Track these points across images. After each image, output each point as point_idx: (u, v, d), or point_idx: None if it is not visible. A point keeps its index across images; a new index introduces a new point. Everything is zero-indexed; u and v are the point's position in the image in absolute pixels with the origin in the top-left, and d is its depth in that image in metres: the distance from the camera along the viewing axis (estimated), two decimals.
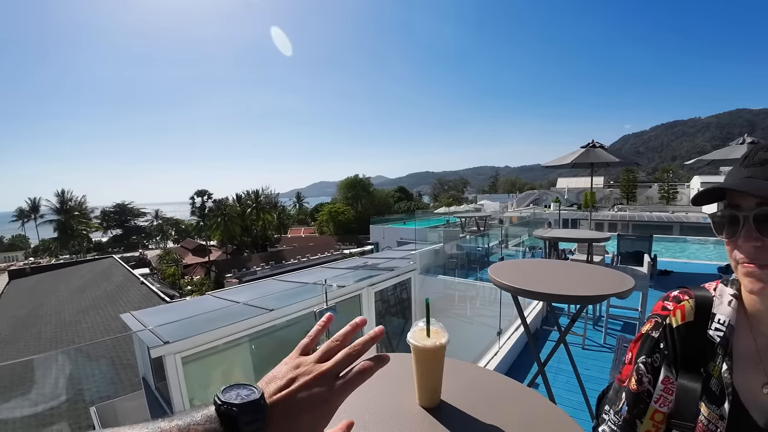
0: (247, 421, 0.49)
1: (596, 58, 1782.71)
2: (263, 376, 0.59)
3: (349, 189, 66.02)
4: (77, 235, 56.18)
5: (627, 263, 7.04)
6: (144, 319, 3.82)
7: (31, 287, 22.39)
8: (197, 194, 52.93)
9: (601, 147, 8.47)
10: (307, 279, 5.39)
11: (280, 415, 0.53)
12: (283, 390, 0.55)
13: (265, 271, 38.78)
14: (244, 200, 56.35)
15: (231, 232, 50.85)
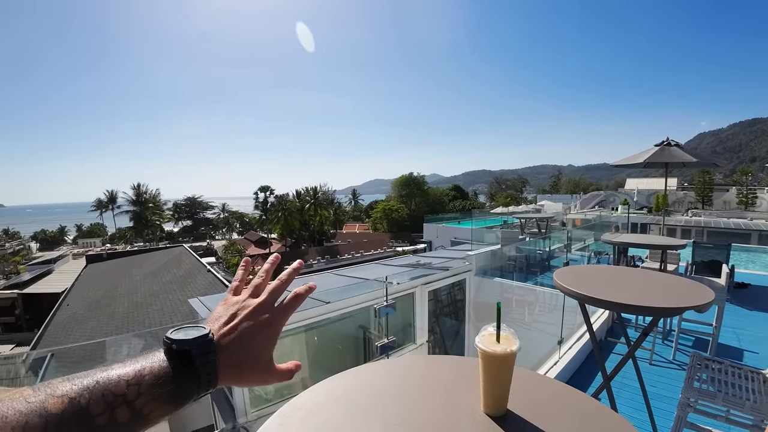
0: (199, 354, 0.54)
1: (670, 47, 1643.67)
2: None
3: (404, 187, 66.08)
4: (151, 224, 60.19)
5: (702, 274, 6.47)
6: (210, 304, 4.05)
7: (106, 271, 24.36)
8: (260, 190, 55.75)
9: (676, 145, 7.79)
10: (362, 274, 5.46)
11: (228, 346, 0.59)
12: (227, 324, 0.61)
13: (320, 265, 39.92)
14: (303, 196, 58.51)
15: (290, 226, 53.17)
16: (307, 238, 58.88)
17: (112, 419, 0.45)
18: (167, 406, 0.51)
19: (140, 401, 0.48)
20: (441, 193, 73.20)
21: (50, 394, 0.43)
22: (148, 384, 0.49)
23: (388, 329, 4.87)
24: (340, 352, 4.90)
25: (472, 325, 6.14)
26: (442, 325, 6.01)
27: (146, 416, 0.48)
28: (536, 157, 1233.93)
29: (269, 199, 56.01)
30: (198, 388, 0.54)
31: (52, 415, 0.42)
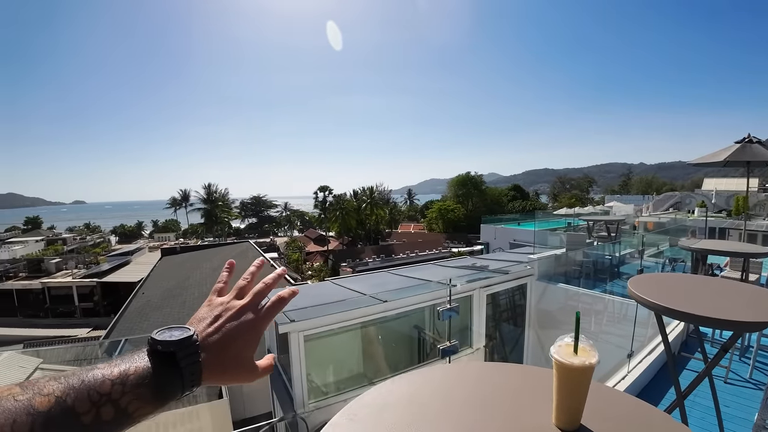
0: (184, 356, 0.56)
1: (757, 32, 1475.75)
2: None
3: (460, 186, 64.82)
4: (220, 221, 64.82)
5: None
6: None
7: (179, 263, 26.06)
8: (320, 190, 57.69)
9: (758, 142, 6.97)
10: (419, 275, 5.45)
11: (212, 346, 0.60)
12: (212, 325, 0.63)
13: (376, 263, 40.39)
14: (359, 196, 59.65)
15: (347, 225, 54.57)
16: (363, 236, 59.94)
17: (98, 417, 0.48)
18: (151, 404, 0.53)
19: (124, 400, 0.50)
20: (499, 192, 70.75)
21: (37, 392, 0.45)
22: (132, 383, 0.51)
23: (443, 331, 4.82)
24: (395, 350, 4.92)
25: (532, 332, 5.92)
26: (500, 330, 5.85)
27: (131, 414, 0.51)
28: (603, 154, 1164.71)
29: (328, 199, 57.83)
30: (182, 387, 0.57)
31: (39, 413, 0.43)
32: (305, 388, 3.73)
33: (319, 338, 3.68)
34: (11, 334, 21.88)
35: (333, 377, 4.32)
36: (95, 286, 28.39)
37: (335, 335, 3.93)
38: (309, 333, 3.49)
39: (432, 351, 4.82)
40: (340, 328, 3.81)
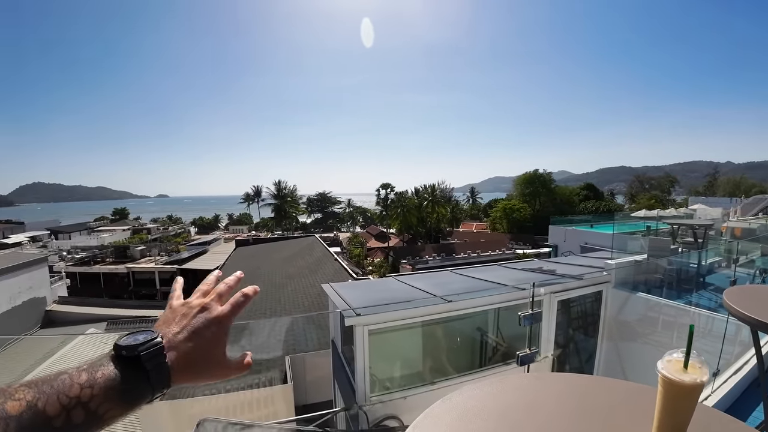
0: (149, 358, 0.57)
1: None
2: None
3: (527, 185, 62.06)
4: (288, 216, 69.25)
5: None
6: (340, 290, 4.33)
7: (251, 254, 27.66)
8: (382, 187, 58.47)
9: None
10: (484, 276, 5.32)
11: (179, 346, 0.62)
12: (177, 325, 0.65)
13: (436, 262, 40.11)
14: (421, 193, 59.50)
15: (408, 222, 54.75)
16: (424, 234, 59.72)
17: (69, 420, 0.49)
18: (121, 407, 0.54)
19: (94, 403, 0.51)
20: (570, 192, 66.37)
21: (9, 396, 0.46)
22: (101, 386, 0.53)
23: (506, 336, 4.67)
24: (456, 351, 4.84)
25: (606, 343, 5.57)
26: (570, 339, 5.55)
27: (101, 417, 0.52)
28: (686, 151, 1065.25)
29: (389, 196, 58.40)
30: (152, 390, 0.58)
31: (11, 417, 0.44)
32: (368, 382, 3.78)
33: (382, 333, 3.72)
34: (96, 313, 24.14)
35: (394, 373, 4.34)
36: (175, 272, 30.83)
37: (398, 332, 3.95)
38: (373, 328, 3.54)
39: (495, 355, 4.69)
40: (404, 325, 3.82)
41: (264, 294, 16.02)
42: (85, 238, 53.28)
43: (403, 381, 4.30)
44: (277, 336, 9.35)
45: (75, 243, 49.53)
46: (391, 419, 3.83)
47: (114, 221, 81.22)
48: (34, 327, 23.06)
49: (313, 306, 13.28)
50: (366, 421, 3.78)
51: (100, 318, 22.77)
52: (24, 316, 22.64)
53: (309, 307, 13.27)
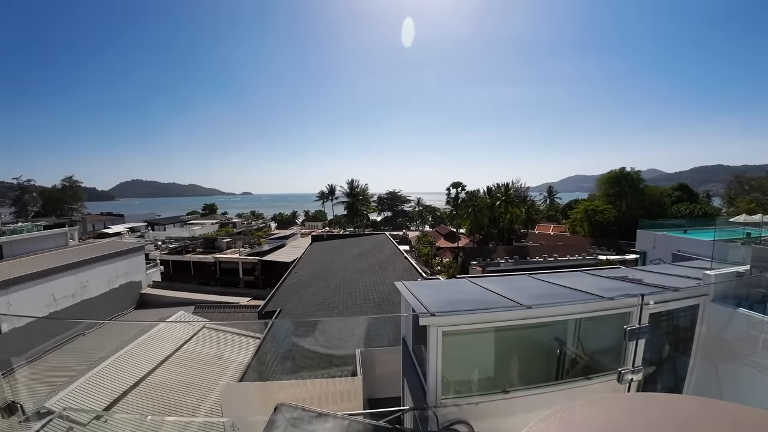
0: None
1: None
2: None
3: (612, 184, 57.18)
4: (360, 213, 71.74)
5: None
6: (414, 289, 4.33)
7: (325, 249, 28.64)
8: (452, 186, 57.59)
9: None
10: (565, 282, 5.02)
11: None
12: None
13: (508, 265, 38.68)
14: (494, 192, 57.58)
15: (479, 222, 53.14)
16: (496, 235, 57.81)
17: None
18: None
19: None
20: (661, 192, 59.67)
21: None
22: None
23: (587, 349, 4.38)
24: (530, 361, 4.62)
25: (700, 361, 5.02)
26: (661, 355, 5.07)
27: None
28: None
29: (460, 195, 57.29)
30: None
31: None
32: (439, 383, 3.74)
33: (456, 336, 3.66)
34: (185, 297, 26.60)
35: (465, 377, 4.25)
36: (257, 263, 33.21)
37: (472, 335, 3.86)
38: (448, 329, 3.49)
39: (574, 368, 4.42)
40: (478, 329, 3.72)
41: (337, 287, 16.56)
42: (178, 230, 59.39)
43: (474, 386, 4.20)
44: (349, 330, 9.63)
45: (169, 234, 55.33)
46: (461, 424, 3.76)
47: (204, 215, 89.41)
48: (129, 307, 25.99)
49: (383, 302, 13.46)
50: (436, 423, 3.74)
51: (188, 302, 25.03)
52: (121, 297, 25.64)
53: (379, 303, 13.47)
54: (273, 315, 14.86)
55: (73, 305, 22.02)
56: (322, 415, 3.36)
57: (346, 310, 13.57)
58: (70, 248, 27.49)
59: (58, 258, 23.32)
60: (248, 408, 7.10)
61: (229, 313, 22.95)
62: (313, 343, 10.28)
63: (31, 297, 19.52)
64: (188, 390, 13.44)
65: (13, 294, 18.60)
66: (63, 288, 21.56)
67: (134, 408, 12.45)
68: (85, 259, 23.58)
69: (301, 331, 11.44)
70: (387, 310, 12.68)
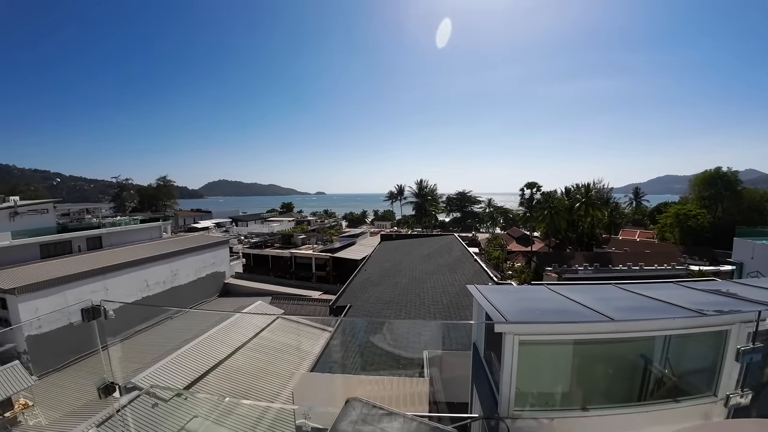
0: None
1: None
2: None
3: (706, 186, 51.45)
4: (428, 214, 72.23)
5: None
6: (487, 294, 4.19)
7: (394, 248, 28.87)
8: (527, 186, 55.10)
9: None
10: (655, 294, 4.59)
11: None
12: None
13: (587, 272, 36.34)
14: (572, 194, 54.04)
15: (556, 226, 50.04)
16: (574, 240, 54.31)
17: None
18: None
19: None
20: (761, 196, 52.60)
21: None
22: None
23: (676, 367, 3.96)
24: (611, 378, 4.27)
25: None
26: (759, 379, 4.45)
27: None
28: None
29: (535, 196, 54.62)
30: None
31: None
32: (512, 394, 3.59)
33: (533, 345, 3.48)
34: (264, 288, 28.47)
35: (541, 390, 4.04)
36: (328, 259, 34.60)
37: (550, 346, 3.65)
38: (525, 338, 3.32)
39: (660, 389, 4.02)
40: (558, 340, 3.51)
41: (405, 287, 16.62)
42: (259, 226, 64.00)
43: (550, 400, 3.97)
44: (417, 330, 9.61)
45: (250, 230, 59.63)
46: None
47: (281, 213, 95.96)
48: (213, 295, 28.35)
49: (452, 305, 13.27)
50: None
51: (266, 293, 26.80)
52: (206, 286, 28.18)
53: (447, 305, 13.30)
54: (343, 310, 15.26)
55: (164, 291, 24.51)
56: (392, 413, 3.37)
57: (413, 310, 13.55)
58: (163, 240, 30.64)
59: (152, 248, 25.97)
60: (318, 398, 7.34)
61: (302, 305, 24.07)
62: (381, 340, 10.40)
63: (126, 282, 22.03)
64: (263, 376, 14.24)
65: (111, 279, 21.12)
66: (155, 275, 24.06)
67: (212, 389, 13.46)
68: (176, 251, 26.09)
69: (369, 328, 11.62)
70: (455, 313, 12.48)
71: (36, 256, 22.43)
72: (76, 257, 23.44)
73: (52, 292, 18.13)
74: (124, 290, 21.59)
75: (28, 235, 22.44)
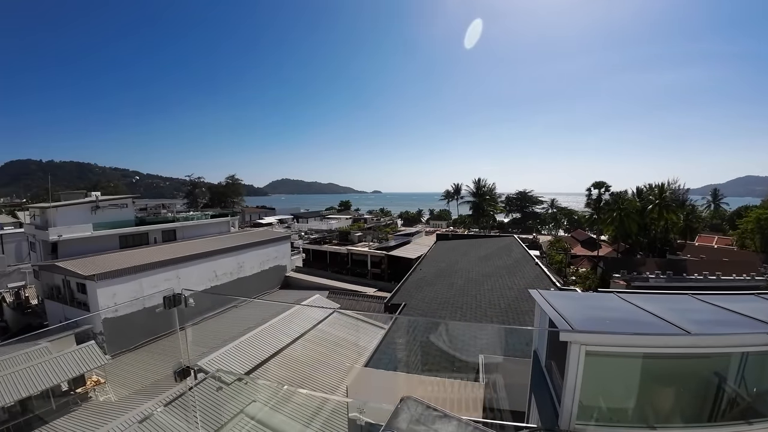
0: None
1: None
2: None
3: None
4: (486, 214, 69.99)
5: None
6: (551, 299, 4.00)
7: (450, 248, 28.52)
8: (594, 186, 51.77)
9: None
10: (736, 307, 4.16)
11: None
12: None
13: (659, 281, 33.72)
14: (645, 195, 50.19)
15: (626, 229, 46.65)
16: (645, 245, 50.46)
17: None
18: None
19: None
20: None
21: None
22: None
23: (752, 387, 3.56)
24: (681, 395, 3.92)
25: None
26: None
27: None
28: None
29: (603, 197, 51.28)
30: None
31: None
32: (575, 406, 3.41)
33: (600, 357, 3.28)
34: (322, 282, 29.41)
35: (606, 404, 3.81)
36: (384, 257, 35.04)
37: (618, 358, 3.42)
38: (592, 349, 3.13)
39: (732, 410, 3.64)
40: (627, 352, 3.28)
41: (461, 288, 16.37)
42: (318, 223, 66.47)
43: (615, 416, 3.73)
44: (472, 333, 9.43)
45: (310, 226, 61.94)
46: None
47: (339, 211, 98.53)
48: (275, 287, 29.73)
49: (510, 309, 12.88)
50: None
51: (324, 287, 27.65)
52: (269, 278, 29.75)
53: (505, 309, 12.93)
54: (398, 308, 15.31)
55: (231, 281, 26.13)
56: (447, 416, 3.32)
57: (469, 312, 13.31)
58: (231, 234, 32.70)
59: (220, 242, 27.73)
60: (372, 393, 7.41)
61: (357, 301, 24.52)
62: (436, 341, 10.31)
63: (197, 272, 23.76)
64: (318, 367, 14.70)
65: (183, 269, 22.85)
66: (223, 267, 25.71)
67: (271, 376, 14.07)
68: (242, 244, 27.72)
69: (424, 328, 11.57)
70: (513, 318, 12.11)
71: (115, 246, 24.84)
72: (152, 248, 25.58)
73: (128, 279, 19.82)
74: (195, 279, 23.22)
75: (107, 228, 24.83)
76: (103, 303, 18.59)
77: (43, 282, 22.15)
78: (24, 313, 24.27)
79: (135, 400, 12.40)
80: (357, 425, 5.83)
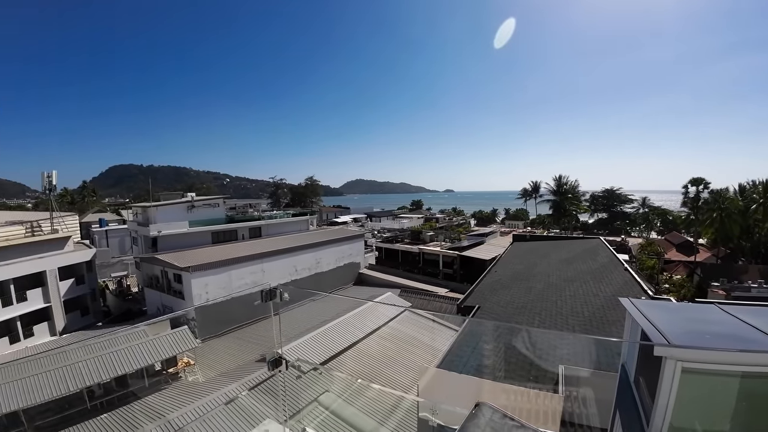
0: None
1: None
2: None
3: None
4: (568, 213, 64.70)
5: None
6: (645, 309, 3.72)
7: (528, 250, 27.40)
8: (691, 183, 46.52)
9: None
10: None
11: None
12: None
13: (762, 291, 29.44)
14: (748, 193, 43.86)
15: (727, 232, 41.29)
16: (748, 250, 44.36)
17: None
18: None
19: None
20: None
21: None
22: None
23: None
24: None
25: None
26: None
27: None
28: None
29: (702, 195, 45.82)
30: None
31: None
32: (666, 427, 3.15)
33: (698, 375, 2.98)
34: (393, 280, 29.93)
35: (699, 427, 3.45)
36: (456, 257, 34.61)
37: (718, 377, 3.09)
38: (690, 366, 2.87)
39: None
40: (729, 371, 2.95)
41: (540, 293, 15.65)
42: (390, 222, 67.61)
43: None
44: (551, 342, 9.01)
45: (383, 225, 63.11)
46: None
47: (411, 210, 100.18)
48: (349, 283, 30.87)
49: (594, 318, 12.08)
50: None
51: (395, 285, 28.09)
52: (344, 274, 31.00)
53: (589, 318, 12.15)
54: (471, 311, 15.05)
55: (309, 276, 27.78)
56: (524, 426, 3.22)
57: (549, 319, 12.70)
58: (310, 232, 34.71)
59: (300, 239, 29.45)
60: (444, 395, 7.37)
61: (428, 300, 24.49)
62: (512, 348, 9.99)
63: (280, 266, 25.54)
64: (389, 363, 14.94)
65: (267, 263, 24.69)
66: (303, 262, 27.42)
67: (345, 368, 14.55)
68: (320, 241, 29.26)
69: (499, 333, 11.26)
70: (598, 328, 11.34)
71: (208, 241, 27.68)
72: (239, 244, 28.07)
73: (219, 271, 21.80)
74: (278, 273, 24.92)
75: (201, 225, 27.80)
76: (196, 292, 20.52)
77: (144, 272, 24.95)
78: (125, 300, 27.77)
79: (220, 381, 13.44)
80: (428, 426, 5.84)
